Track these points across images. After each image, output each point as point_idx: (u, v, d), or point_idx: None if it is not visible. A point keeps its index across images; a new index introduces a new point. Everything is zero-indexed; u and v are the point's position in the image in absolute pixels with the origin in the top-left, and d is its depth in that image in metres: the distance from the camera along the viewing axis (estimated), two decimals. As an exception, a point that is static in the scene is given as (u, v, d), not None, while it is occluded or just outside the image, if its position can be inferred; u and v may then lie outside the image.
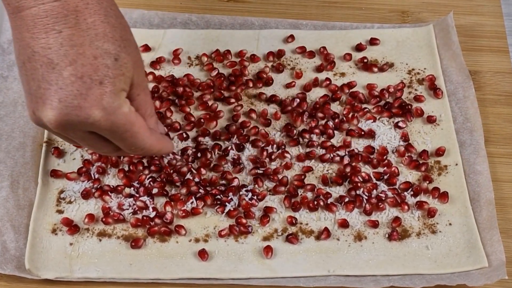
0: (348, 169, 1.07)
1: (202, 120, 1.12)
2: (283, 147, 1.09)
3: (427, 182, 1.06)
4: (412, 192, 1.05)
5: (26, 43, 0.78)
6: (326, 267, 0.99)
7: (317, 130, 1.11)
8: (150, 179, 1.05)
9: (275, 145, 1.09)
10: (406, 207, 1.04)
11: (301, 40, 1.23)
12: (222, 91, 1.16)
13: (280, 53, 1.21)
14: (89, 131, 0.82)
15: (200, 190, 1.04)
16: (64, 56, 0.77)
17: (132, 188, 1.04)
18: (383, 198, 1.04)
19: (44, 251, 0.99)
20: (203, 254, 0.99)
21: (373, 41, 1.23)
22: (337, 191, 1.06)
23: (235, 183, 1.05)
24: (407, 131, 1.12)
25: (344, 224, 1.02)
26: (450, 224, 1.03)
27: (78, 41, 0.77)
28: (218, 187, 1.05)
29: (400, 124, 1.12)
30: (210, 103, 1.14)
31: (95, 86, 0.78)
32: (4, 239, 1.00)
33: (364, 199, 1.04)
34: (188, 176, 1.06)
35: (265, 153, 1.08)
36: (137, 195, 1.04)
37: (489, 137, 1.12)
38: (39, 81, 0.78)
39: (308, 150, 1.09)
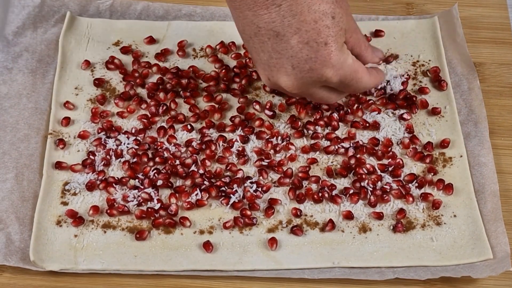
0: (352, 161, 1.06)
1: (207, 112, 1.11)
2: (287, 139, 1.08)
3: (432, 174, 1.05)
4: (416, 184, 1.04)
5: (249, 20, 0.87)
6: (331, 259, 0.98)
7: (321, 122, 1.09)
8: (155, 171, 1.04)
9: (279, 137, 1.08)
10: (410, 199, 1.02)
11: (306, 32, 1.21)
12: (227, 83, 1.14)
13: (284, 45, 1.19)
14: (320, 86, 0.93)
15: (205, 182, 1.03)
16: (288, 27, 0.86)
17: (136, 180, 1.03)
18: (388, 190, 1.03)
19: (49, 243, 0.98)
20: (207, 246, 0.98)
21: (377, 33, 1.21)
22: (341, 183, 1.05)
23: (240, 175, 1.04)
24: (412, 123, 1.10)
25: (348, 216, 1.01)
26: (454, 216, 1.02)
27: (297, 9, 0.85)
28: (222, 179, 1.04)
29: (405, 116, 1.11)
30: (215, 95, 1.13)
31: (322, 48, 0.87)
32: (9, 231, 0.99)
33: (369, 191, 1.03)
34: (193, 168, 1.05)
35: (269, 145, 1.07)
36: (142, 187, 1.03)
37: (493, 129, 1.11)
38: (269, 52, 0.89)
39: (312, 142, 1.08)
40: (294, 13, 0.85)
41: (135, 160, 1.05)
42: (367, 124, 1.10)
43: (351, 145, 1.08)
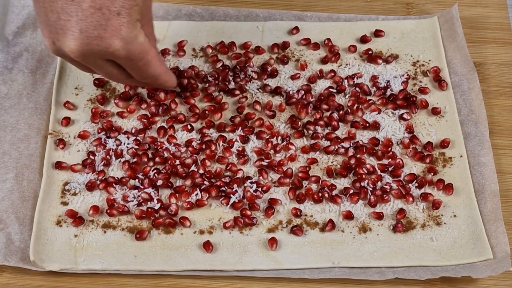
0: (352, 161, 1.05)
1: (206, 112, 1.10)
2: (287, 139, 1.08)
3: (432, 174, 1.05)
4: (416, 184, 1.04)
5: None
6: (331, 259, 0.97)
7: (321, 122, 1.09)
8: (155, 171, 1.04)
9: (279, 137, 1.08)
10: (410, 199, 1.02)
11: (306, 32, 1.21)
12: (227, 83, 1.14)
13: (284, 45, 1.19)
14: (107, 59, 0.88)
15: (205, 182, 1.03)
16: None
17: (136, 180, 1.03)
18: (388, 190, 1.03)
19: (49, 243, 0.98)
20: (207, 246, 0.98)
21: (377, 33, 1.21)
22: (341, 183, 1.04)
23: (240, 175, 1.04)
24: (412, 123, 1.10)
25: (348, 216, 1.01)
26: (454, 216, 1.02)
27: None
28: (222, 179, 1.03)
29: (405, 116, 1.10)
30: (214, 95, 1.13)
31: (114, 17, 0.83)
32: (9, 231, 0.98)
33: (369, 191, 1.03)
34: (193, 168, 1.05)
35: (269, 145, 1.07)
36: (142, 187, 1.03)
37: (493, 129, 1.11)
38: (58, 12, 0.82)
39: (312, 142, 1.08)
40: None
41: (135, 160, 1.05)
42: (367, 124, 1.10)
43: (351, 145, 1.08)
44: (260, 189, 1.03)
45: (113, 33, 0.84)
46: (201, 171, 1.04)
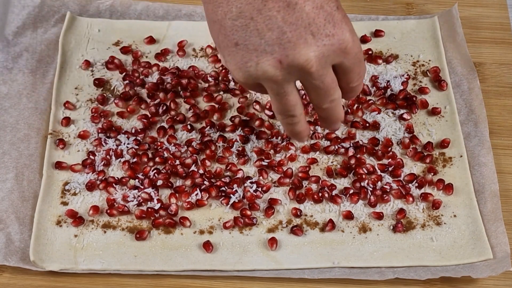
0: (352, 161, 1.05)
1: (207, 111, 1.10)
2: (287, 139, 1.08)
3: (432, 174, 1.05)
4: (416, 184, 1.04)
5: None
6: (331, 259, 0.97)
7: (321, 122, 1.09)
8: (155, 171, 1.04)
9: (280, 137, 1.08)
10: (410, 199, 1.02)
11: (306, 32, 1.21)
12: (227, 83, 1.14)
13: (284, 45, 1.19)
14: (332, 65, 0.83)
15: (205, 182, 1.03)
16: None
17: (136, 180, 1.03)
18: (388, 190, 1.03)
19: (49, 243, 0.98)
20: (207, 246, 0.98)
21: (377, 33, 1.21)
22: (341, 183, 1.04)
23: (240, 175, 1.04)
24: (412, 123, 1.10)
25: (348, 216, 1.01)
26: (454, 216, 1.02)
27: None
28: (222, 179, 1.03)
29: (405, 116, 1.10)
30: (215, 95, 1.13)
31: (335, 12, 0.80)
32: (9, 231, 0.98)
33: (369, 191, 1.03)
34: (193, 168, 1.05)
35: (270, 144, 1.07)
36: (142, 187, 1.03)
37: (493, 129, 1.11)
38: (281, 27, 0.78)
39: (312, 142, 1.08)
40: None
41: (135, 160, 1.05)
42: (367, 124, 1.10)
43: (351, 145, 1.08)
44: (260, 189, 1.03)
45: (340, 27, 0.80)
46: (201, 171, 1.04)
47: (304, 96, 1.11)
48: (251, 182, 1.03)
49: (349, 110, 1.11)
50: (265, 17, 0.78)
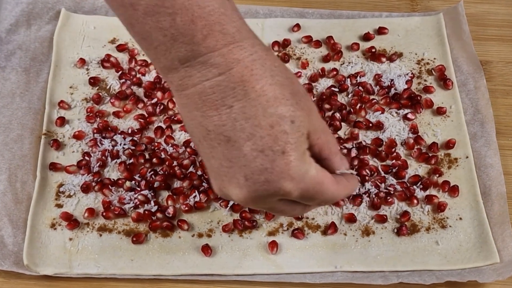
0: (355, 162, 1.06)
1: (205, 111, 1.11)
2: (288, 139, 1.08)
3: (437, 175, 1.05)
4: (421, 186, 1.04)
5: (198, 121, 0.75)
6: (333, 263, 0.98)
7: (323, 122, 1.10)
8: (152, 172, 1.04)
9: (280, 137, 1.08)
10: (415, 201, 1.03)
11: (307, 29, 1.22)
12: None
13: (285, 43, 1.20)
14: (278, 199, 0.78)
15: (204, 184, 1.03)
16: (240, 132, 0.74)
17: (133, 182, 1.03)
18: (392, 192, 1.03)
19: (43, 246, 0.98)
20: (206, 250, 0.98)
21: (381, 30, 1.22)
22: (344, 184, 1.05)
23: (240, 176, 1.04)
24: (416, 123, 1.11)
25: (351, 218, 1.01)
26: (460, 218, 1.02)
27: (251, 112, 0.73)
28: (222, 181, 1.04)
29: (409, 115, 1.11)
30: (213, 94, 1.13)
31: (279, 157, 0.74)
32: (2, 234, 0.99)
33: (372, 193, 1.03)
34: (191, 169, 1.05)
35: (270, 145, 1.07)
36: (139, 189, 1.03)
37: (500, 129, 1.11)
38: (220, 159, 0.76)
39: (314, 142, 1.08)
40: (248, 116, 0.73)
41: (131, 161, 1.06)
42: (370, 124, 1.10)
43: (354, 145, 1.08)
44: (260, 191, 1.03)
45: (280, 175, 0.74)
46: (199, 173, 1.04)
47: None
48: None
49: (351, 110, 1.11)
50: (209, 145, 0.76)
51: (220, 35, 0.73)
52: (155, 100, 1.12)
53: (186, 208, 1.01)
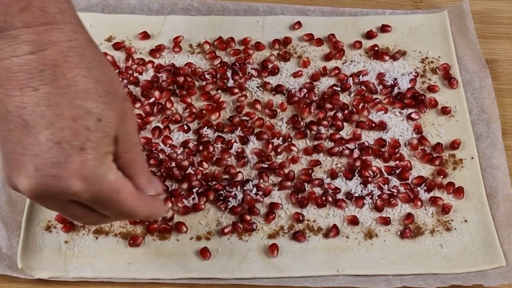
0: (358, 163, 1.06)
1: (204, 111, 1.11)
2: (289, 139, 1.08)
3: (442, 176, 1.05)
4: (425, 187, 1.04)
5: (0, 99, 0.70)
6: (335, 267, 0.98)
7: (325, 122, 1.10)
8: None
9: (281, 138, 1.08)
10: (419, 203, 1.02)
11: (309, 27, 1.22)
12: (225, 81, 1.14)
13: (286, 41, 1.20)
14: (69, 200, 0.74)
15: (202, 185, 1.03)
16: (40, 118, 0.69)
17: (130, 183, 1.03)
18: (395, 194, 1.03)
19: (38, 249, 0.98)
20: (205, 253, 0.98)
21: (384, 28, 1.21)
22: (346, 186, 1.05)
23: (239, 177, 1.04)
24: (420, 123, 1.10)
25: (353, 221, 1.01)
26: (465, 221, 1.02)
27: (56, 100, 0.69)
28: (221, 182, 1.04)
29: (413, 115, 1.11)
30: (212, 93, 1.13)
31: (75, 153, 0.70)
32: (-5, 236, 0.98)
33: (375, 195, 1.03)
34: (189, 170, 1.05)
35: (270, 146, 1.07)
36: (136, 191, 1.03)
37: (506, 129, 1.11)
38: (15, 144, 0.70)
39: (316, 143, 1.08)
40: (51, 104, 0.69)
41: (128, 162, 1.05)
42: (373, 124, 1.10)
43: (356, 146, 1.08)
44: (260, 192, 1.03)
45: (73, 172, 0.70)
46: (198, 174, 1.04)
47: (306, 95, 1.12)
48: (251, 186, 1.04)
49: (354, 110, 1.11)
50: (6, 127, 0.70)
51: (39, 12, 0.69)
52: (152, 99, 1.12)
53: (184, 210, 1.01)
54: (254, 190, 1.03)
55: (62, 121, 0.69)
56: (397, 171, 1.06)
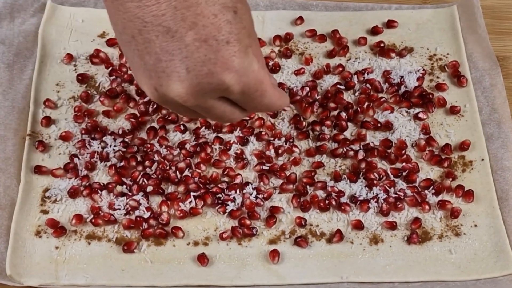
0: (363, 165, 1.06)
1: (201, 110, 1.11)
2: (291, 140, 1.08)
3: (450, 179, 1.05)
4: (433, 191, 1.04)
5: (132, 14, 0.74)
6: (339, 273, 0.98)
7: (328, 122, 1.10)
8: (144, 176, 1.04)
9: (282, 138, 1.08)
10: (427, 207, 1.03)
11: (311, 23, 1.22)
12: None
13: (287, 37, 1.20)
14: (220, 97, 0.81)
15: (200, 188, 1.03)
16: (182, 21, 0.74)
17: (124, 186, 1.03)
18: (402, 197, 1.03)
19: (27, 255, 0.98)
20: (202, 259, 0.98)
21: (390, 24, 1.22)
22: (350, 189, 1.05)
23: (238, 180, 1.05)
24: (428, 123, 1.11)
25: (358, 225, 1.01)
26: (475, 225, 1.02)
27: (193, 0, 0.74)
28: (219, 185, 1.04)
29: (421, 115, 1.11)
30: (210, 92, 1.13)
31: (223, 48, 0.76)
32: (-17, 242, 0.99)
33: (381, 198, 1.03)
34: (186, 172, 1.05)
35: (271, 147, 1.07)
36: (130, 194, 1.03)
37: (518, 130, 1.11)
38: (157, 53, 0.75)
39: (318, 144, 1.08)
40: (189, 5, 0.73)
41: (122, 164, 1.06)
42: (379, 124, 1.10)
43: (361, 147, 1.08)
44: (260, 196, 1.03)
45: (224, 66, 0.76)
46: (195, 177, 1.05)
47: (309, 94, 1.12)
48: (251, 189, 1.04)
49: (359, 109, 1.11)
50: (144, 39, 0.76)
51: None
52: (147, 98, 1.12)
53: (181, 214, 1.01)
54: (254, 193, 1.03)
55: (204, 19, 0.74)
56: (404, 174, 1.06)
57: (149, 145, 1.07)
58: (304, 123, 1.10)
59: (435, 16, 1.23)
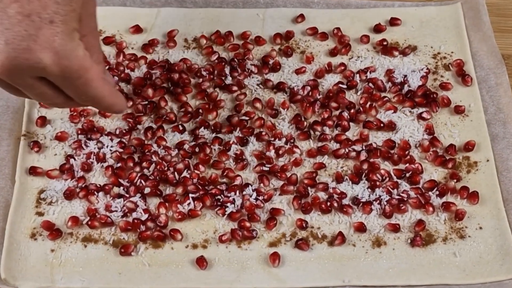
0: (365, 166, 1.06)
1: (200, 110, 1.11)
2: (291, 141, 1.08)
3: (455, 180, 1.05)
4: (437, 192, 1.04)
5: None
6: (341, 277, 0.98)
7: (330, 122, 1.10)
8: (142, 177, 1.04)
9: (282, 139, 1.08)
10: (431, 208, 1.03)
11: (312, 20, 1.22)
12: (223, 78, 1.14)
13: (288, 35, 1.20)
14: (39, 77, 0.80)
15: (199, 190, 1.03)
16: None
17: (121, 188, 1.03)
18: (405, 199, 1.03)
19: (22, 258, 0.98)
20: (201, 262, 0.98)
21: (393, 21, 1.22)
22: (353, 190, 1.05)
23: (238, 181, 1.05)
24: (432, 123, 1.11)
25: (360, 228, 1.01)
26: (480, 228, 1.02)
27: None
28: (218, 186, 1.04)
29: (424, 115, 1.11)
30: (209, 91, 1.13)
31: (45, 26, 0.76)
32: (-23, 245, 0.99)
33: (384, 200, 1.03)
34: (185, 173, 1.05)
35: (271, 147, 1.07)
36: (127, 195, 1.03)
37: (524, 130, 1.11)
38: None
39: (320, 144, 1.08)
40: None
41: (119, 165, 1.06)
42: (382, 125, 1.10)
43: (364, 148, 1.08)
44: (260, 197, 1.03)
45: (44, 44, 0.76)
46: (194, 178, 1.05)
47: (310, 93, 1.12)
48: (251, 190, 1.04)
49: (361, 109, 1.11)
50: None
51: None
52: (145, 99, 1.12)
53: (179, 217, 1.01)
54: (254, 195, 1.03)
55: None
56: (407, 175, 1.06)
57: (146, 146, 1.07)
58: (305, 123, 1.10)
59: (439, 14, 1.23)
